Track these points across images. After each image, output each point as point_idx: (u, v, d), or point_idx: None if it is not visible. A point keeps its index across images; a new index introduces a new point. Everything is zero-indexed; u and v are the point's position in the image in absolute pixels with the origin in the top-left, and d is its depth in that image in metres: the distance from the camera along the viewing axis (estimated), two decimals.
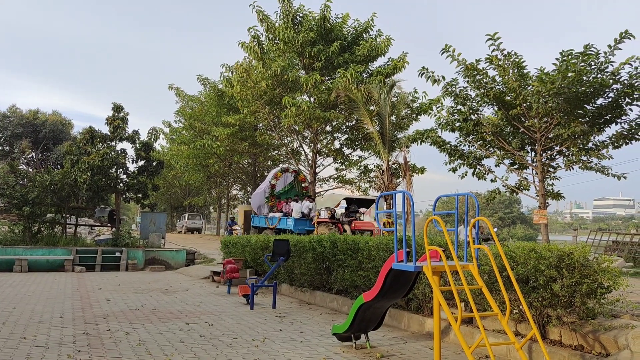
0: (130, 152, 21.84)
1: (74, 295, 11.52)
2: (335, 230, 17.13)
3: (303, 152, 25.40)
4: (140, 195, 21.95)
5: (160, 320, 8.45)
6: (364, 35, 22.91)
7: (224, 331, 7.59)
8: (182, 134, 36.34)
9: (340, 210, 19.98)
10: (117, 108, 21.74)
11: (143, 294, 11.97)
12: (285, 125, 21.45)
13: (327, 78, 22.54)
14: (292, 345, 6.72)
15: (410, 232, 5.28)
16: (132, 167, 21.93)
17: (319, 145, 24.17)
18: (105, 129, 21.66)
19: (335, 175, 26.69)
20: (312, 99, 21.85)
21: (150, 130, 22.72)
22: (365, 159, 25.05)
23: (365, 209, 20.25)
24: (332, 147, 24.91)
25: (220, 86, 28.42)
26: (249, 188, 36.46)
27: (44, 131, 44.79)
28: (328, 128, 24.23)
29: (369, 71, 22.67)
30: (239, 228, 26.22)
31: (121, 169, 21.49)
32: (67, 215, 21.67)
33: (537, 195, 16.41)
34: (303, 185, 21.10)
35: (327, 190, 28.47)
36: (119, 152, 21.32)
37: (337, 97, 20.17)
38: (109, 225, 24.26)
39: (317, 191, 24.90)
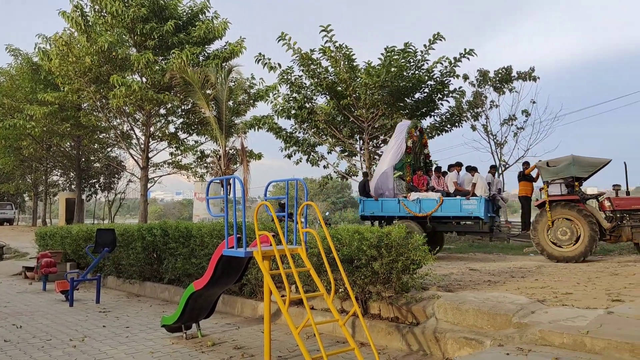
0: None
1: None
2: (597, 216, 10.90)
3: (134, 136, 23.82)
4: None
5: None
6: (200, 17, 22.18)
7: (35, 333, 6.78)
8: None
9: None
10: None
11: None
12: (114, 106, 19.83)
13: (161, 58, 21.34)
14: (116, 341, 6.27)
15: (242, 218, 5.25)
16: None
17: (152, 129, 22.88)
18: None
19: (170, 161, 25.62)
20: (144, 79, 20.55)
21: None
22: (202, 144, 24.47)
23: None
24: (166, 131, 23.80)
25: (36, 59, 25.23)
26: (72, 173, 33.22)
27: None
28: (162, 111, 23.07)
29: (206, 54, 22.03)
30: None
31: None
32: None
33: None
34: (425, 151, 14.84)
35: (161, 176, 27.19)
36: None
37: (171, 79, 19.27)
38: None
39: (149, 177, 23.65)
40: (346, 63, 15.98)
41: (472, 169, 13.13)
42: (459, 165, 13.44)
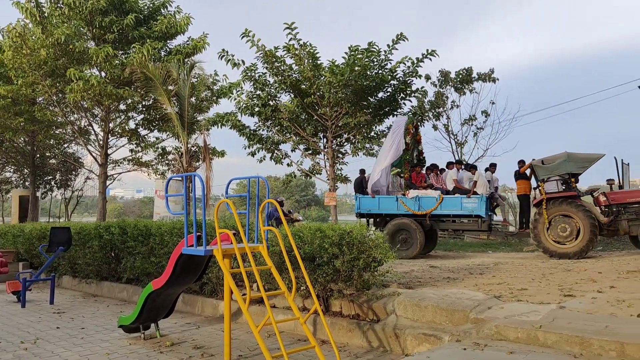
0: None
1: None
2: (594, 211, 11.11)
3: (93, 132, 23.11)
4: None
5: None
6: (162, 11, 21.70)
7: None
8: None
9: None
10: None
11: None
12: (70, 100, 19.17)
13: (121, 52, 20.75)
14: (71, 343, 6.08)
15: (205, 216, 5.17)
16: None
17: (111, 125, 22.25)
18: None
19: (130, 157, 25.00)
20: (103, 74, 19.96)
21: None
22: (163, 140, 23.94)
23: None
24: (126, 127, 23.17)
25: None
26: (25, 170, 32.03)
27: None
28: (122, 106, 22.43)
29: (168, 49, 21.55)
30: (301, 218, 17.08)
31: None
32: None
33: (328, 179, 17.72)
34: (420, 148, 14.72)
35: (120, 174, 26.55)
36: None
37: (132, 74, 18.77)
38: None
39: (108, 174, 23.04)
40: (310, 61, 15.96)
41: (472, 167, 13.21)
42: (459, 162, 13.45)
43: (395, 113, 17.54)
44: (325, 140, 18.11)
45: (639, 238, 10.98)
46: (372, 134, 17.90)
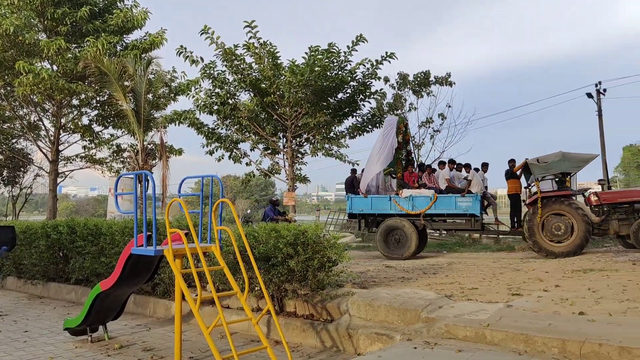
0: None
1: None
2: (586, 210, 11.16)
3: (43, 127, 22.29)
4: None
5: None
6: (118, 4, 21.15)
7: None
8: None
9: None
10: None
11: None
12: (19, 94, 18.43)
13: (74, 46, 20.10)
14: (12, 347, 5.83)
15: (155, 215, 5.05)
16: None
17: (63, 120, 21.52)
18: None
19: (83, 154, 24.22)
20: (54, 67, 19.27)
21: None
22: (118, 137, 23.33)
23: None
24: (79, 123, 22.45)
25: None
26: None
27: None
28: (75, 101, 21.73)
29: (124, 44, 21.01)
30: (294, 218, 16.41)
31: None
32: None
33: (287, 179, 17.67)
34: (408, 148, 14.82)
35: (72, 171, 25.74)
36: None
37: (85, 68, 18.19)
38: None
39: (60, 171, 22.26)
40: (270, 60, 15.87)
41: (466, 166, 13.24)
42: (452, 162, 13.51)
43: (354, 114, 17.67)
44: (284, 140, 18.05)
45: (627, 238, 11.15)
46: (332, 134, 17.97)
